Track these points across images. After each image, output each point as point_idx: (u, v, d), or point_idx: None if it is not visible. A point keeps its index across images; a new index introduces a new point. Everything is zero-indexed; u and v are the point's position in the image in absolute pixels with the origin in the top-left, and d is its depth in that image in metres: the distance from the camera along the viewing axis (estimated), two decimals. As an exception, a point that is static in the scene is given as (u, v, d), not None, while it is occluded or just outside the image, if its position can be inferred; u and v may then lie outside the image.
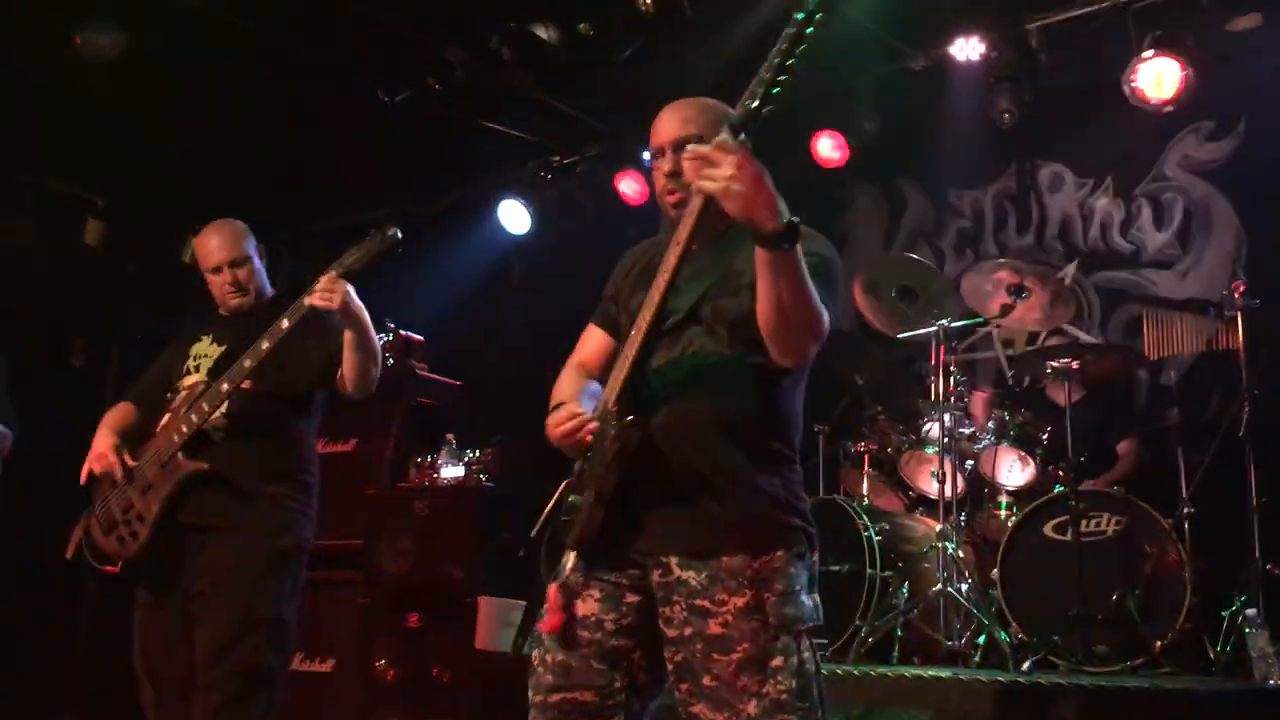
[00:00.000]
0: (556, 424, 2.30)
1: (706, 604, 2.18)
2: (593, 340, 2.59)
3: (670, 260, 2.23)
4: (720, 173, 2.03)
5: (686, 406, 2.27)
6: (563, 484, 2.29)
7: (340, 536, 5.11)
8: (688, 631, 2.19)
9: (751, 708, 2.13)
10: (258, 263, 3.64)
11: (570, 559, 2.28)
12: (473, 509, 5.13)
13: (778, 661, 2.15)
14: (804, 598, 2.23)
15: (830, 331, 2.23)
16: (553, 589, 2.26)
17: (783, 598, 2.19)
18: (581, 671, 2.25)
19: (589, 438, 2.23)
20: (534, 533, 2.31)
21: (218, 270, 3.58)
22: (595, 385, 2.43)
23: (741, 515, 2.23)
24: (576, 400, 2.38)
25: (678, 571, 2.21)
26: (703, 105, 2.46)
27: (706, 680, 2.16)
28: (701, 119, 2.40)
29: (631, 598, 2.28)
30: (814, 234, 2.35)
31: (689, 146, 2.23)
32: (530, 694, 2.32)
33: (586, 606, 2.28)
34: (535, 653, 2.33)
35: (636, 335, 2.26)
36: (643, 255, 2.57)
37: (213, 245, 3.59)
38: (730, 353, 2.29)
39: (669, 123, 2.45)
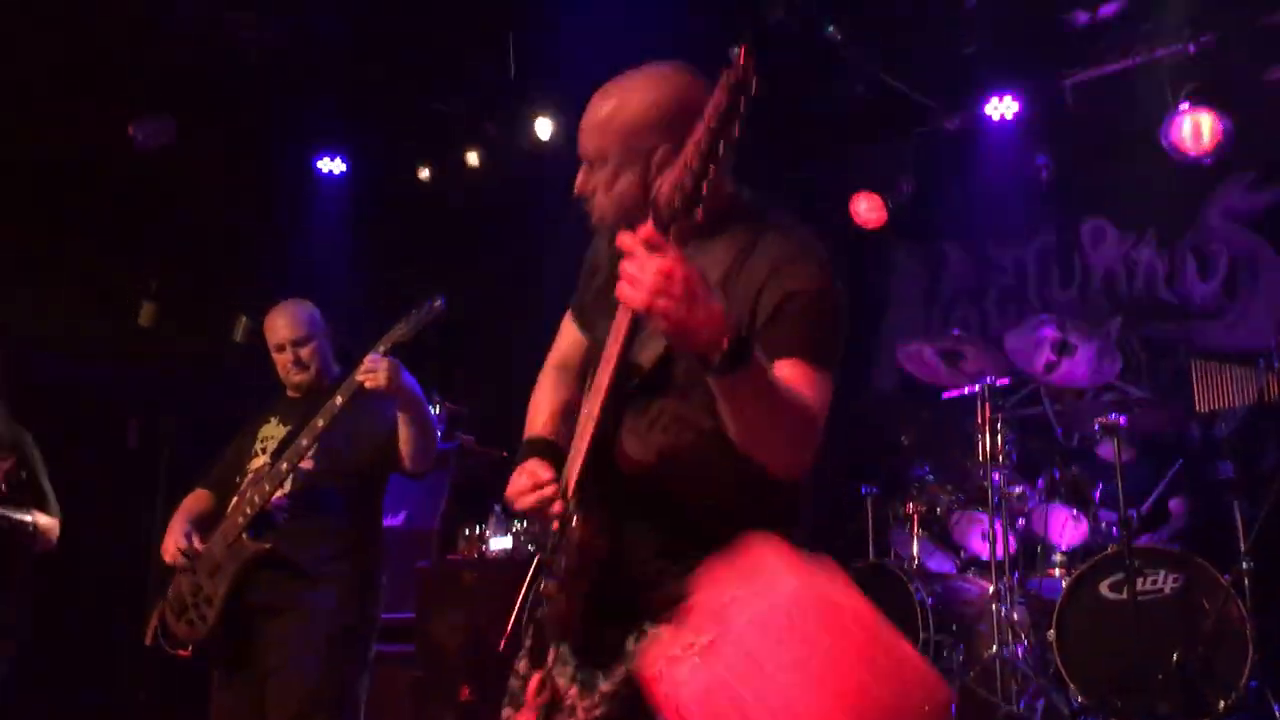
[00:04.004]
0: (517, 493, 2.02)
1: None
2: (569, 335, 2.28)
3: (612, 349, 1.83)
4: (644, 283, 1.56)
5: (660, 506, 1.91)
6: (533, 565, 2.07)
7: (392, 610, 5.13)
8: None
9: None
10: (323, 342, 3.66)
11: (553, 651, 2.05)
12: (522, 580, 5.13)
13: None
14: None
15: (874, 389, 2.03)
16: (535, 679, 2.02)
17: None
18: None
19: (553, 512, 1.96)
20: (509, 627, 2.09)
21: (281, 348, 3.63)
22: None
23: None
24: (554, 418, 2.16)
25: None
26: (628, 111, 1.93)
27: None
28: (620, 134, 1.92)
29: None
30: (802, 255, 1.89)
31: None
32: None
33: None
34: None
35: (596, 398, 1.86)
36: (607, 260, 2.07)
37: (279, 324, 3.65)
38: (710, 424, 1.83)
39: (585, 132, 2.00)
